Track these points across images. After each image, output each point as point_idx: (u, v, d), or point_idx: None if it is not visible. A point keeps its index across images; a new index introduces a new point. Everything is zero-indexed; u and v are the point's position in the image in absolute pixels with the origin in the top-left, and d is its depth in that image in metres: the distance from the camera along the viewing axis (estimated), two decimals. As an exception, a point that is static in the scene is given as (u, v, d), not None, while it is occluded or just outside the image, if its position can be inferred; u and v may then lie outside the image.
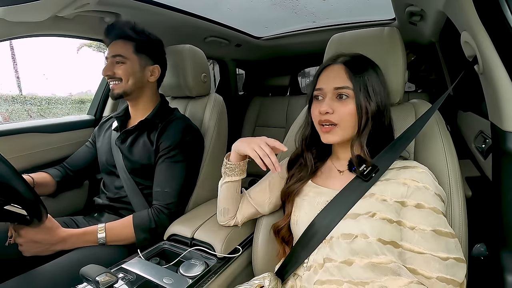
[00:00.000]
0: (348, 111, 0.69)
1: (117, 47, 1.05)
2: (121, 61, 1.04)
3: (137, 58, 1.07)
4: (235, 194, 0.85)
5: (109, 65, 1.05)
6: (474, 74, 0.78)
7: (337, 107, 0.69)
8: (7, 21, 0.93)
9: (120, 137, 1.09)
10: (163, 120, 1.08)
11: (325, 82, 0.72)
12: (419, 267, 0.61)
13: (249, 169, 0.83)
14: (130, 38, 1.06)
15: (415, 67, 2.04)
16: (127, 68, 1.05)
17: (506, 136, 0.65)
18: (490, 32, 0.63)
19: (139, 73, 1.07)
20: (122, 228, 0.95)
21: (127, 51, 1.05)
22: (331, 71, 0.73)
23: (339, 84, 0.70)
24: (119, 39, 1.06)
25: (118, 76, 1.04)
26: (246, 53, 2.16)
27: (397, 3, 1.20)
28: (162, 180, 1.01)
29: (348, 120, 0.69)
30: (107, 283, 0.64)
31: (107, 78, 1.06)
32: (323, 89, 0.72)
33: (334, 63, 0.74)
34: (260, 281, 0.71)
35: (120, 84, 1.05)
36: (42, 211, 0.77)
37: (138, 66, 1.07)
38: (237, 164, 0.80)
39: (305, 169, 0.81)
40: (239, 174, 0.81)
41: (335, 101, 0.70)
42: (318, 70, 0.77)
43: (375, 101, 0.69)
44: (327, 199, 0.72)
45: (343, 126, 0.70)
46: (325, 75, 0.74)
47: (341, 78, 0.70)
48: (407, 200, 0.65)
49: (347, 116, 0.69)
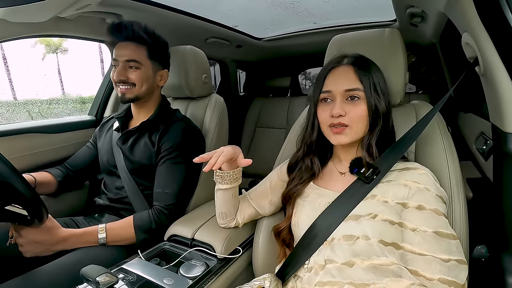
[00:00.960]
0: (361, 112, 0.68)
1: (130, 51, 1.01)
2: (135, 66, 1.02)
3: (151, 64, 1.05)
4: (232, 200, 0.84)
5: (121, 69, 1.01)
6: (475, 75, 0.78)
7: (349, 109, 0.69)
8: (9, 22, 0.93)
9: (121, 138, 1.09)
10: (165, 121, 1.08)
11: (333, 84, 0.71)
12: (420, 268, 0.60)
13: (250, 170, 0.84)
14: (144, 42, 1.03)
15: (416, 68, 2.04)
16: (141, 74, 1.03)
17: (507, 137, 0.65)
18: (491, 33, 0.63)
19: (151, 78, 1.07)
20: (122, 228, 0.95)
21: (141, 56, 1.02)
22: (339, 73, 0.72)
23: (350, 86, 0.69)
24: (130, 41, 1.02)
25: (132, 82, 1.02)
26: (247, 54, 2.16)
27: (398, 5, 1.20)
28: (162, 181, 1.01)
29: (360, 121, 0.69)
30: (108, 284, 0.64)
31: (118, 82, 1.03)
32: (332, 92, 0.71)
33: (341, 65, 0.73)
34: (260, 282, 0.71)
35: (133, 89, 1.03)
36: (43, 211, 0.77)
37: (151, 72, 1.06)
38: (225, 172, 0.78)
39: (306, 172, 0.80)
40: (230, 182, 0.79)
41: (346, 103, 0.69)
42: (323, 72, 0.75)
43: (383, 100, 0.70)
44: (328, 201, 0.72)
45: (355, 127, 0.69)
46: (332, 77, 0.72)
47: (351, 79, 0.70)
48: (409, 201, 0.65)
49: (359, 117, 0.68)
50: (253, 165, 0.77)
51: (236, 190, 0.83)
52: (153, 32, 1.06)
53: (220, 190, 0.81)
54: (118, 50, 1.03)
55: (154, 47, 1.06)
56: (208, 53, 1.36)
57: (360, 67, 0.71)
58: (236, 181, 0.80)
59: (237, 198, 0.86)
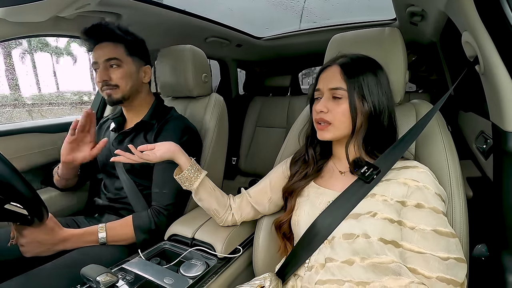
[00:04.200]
0: (341, 110, 0.70)
1: (108, 50, 1.00)
2: (116, 64, 1.01)
3: (131, 60, 1.04)
4: (211, 192, 0.86)
5: (103, 70, 1.00)
6: (475, 74, 0.78)
7: (332, 106, 0.71)
8: (8, 21, 0.93)
9: (117, 139, 1.09)
10: (160, 120, 1.08)
11: (322, 82, 0.75)
12: (419, 266, 0.61)
13: (250, 169, 0.84)
14: (120, 40, 1.02)
15: (416, 67, 2.04)
16: (124, 72, 1.02)
17: (507, 136, 0.65)
18: (491, 32, 0.63)
19: (134, 75, 1.05)
20: (122, 227, 0.95)
21: (120, 53, 1.01)
22: (328, 72, 0.75)
23: (333, 85, 0.72)
24: (107, 41, 1.00)
25: (115, 82, 1.01)
26: (247, 53, 2.16)
27: (398, 3, 1.20)
28: (160, 181, 1.01)
29: (342, 120, 0.71)
30: (108, 283, 0.64)
31: (102, 84, 1.01)
32: (320, 90, 0.74)
33: (332, 65, 0.75)
34: (260, 281, 0.71)
35: (118, 89, 1.02)
36: (43, 211, 0.77)
37: (133, 68, 1.05)
38: (182, 175, 0.83)
39: (309, 166, 0.81)
40: (192, 180, 0.83)
41: (331, 100, 0.72)
42: (319, 72, 0.79)
43: (370, 102, 0.70)
44: (329, 200, 0.72)
45: (337, 125, 0.72)
46: (323, 76, 0.76)
47: (336, 79, 0.72)
48: (408, 200, 0.65)
49: (340, 115, 0.71)
50: (253, 164, 0.77)
51: (206, 182, 0.86)
52: (127, 29, 1.05)
53: (194, 193, 0.85)
54: (97, 52, 1.01)
55: (131, 44, 1.04)
56: (208, 52, 1.35)
57: (348, 68, 0.72)
58: (196, 177, 0.83)
59: (217, 189, 0.88)
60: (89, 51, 1.04)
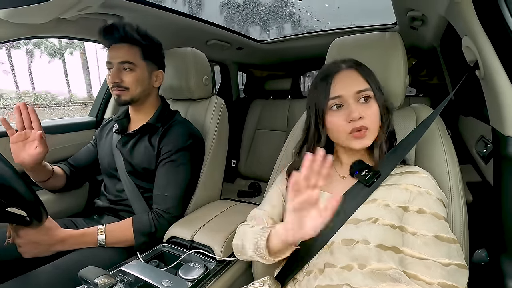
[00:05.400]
0: (375, 112, 0.68)
1: (123, 53, 1.01)
2: (129, 67, 1.01)
3: (145, 65, 1.05)
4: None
5: (116, 71, 1.00)
6: (475, 79, 0.78)
7: (364, 110, 0.67)
8: (11, 23, 0.94)
9: (121, 140, 1.09)
10: (165, 124, 1.08)
11: (342, 88, 0.69)
12: (420, 272, 0.60)
13: (250, 172, 0.83)
14: (137, 43, 1.03)
15: (416, 71, 2.05)
16: (136, 76, 1.02)
17: (507, 141, 0.65)
18: (491, 37, 0.63)
19: (147, 79, 1.06)
20: (122, 230, 0.94)
21: (135, 57, 1.02)
22: (345, 77, 0.70)
23: (360, 87, 0.68)
24: (124, 43, 1.02)
25: (126, 85, 1.01)
26: (247, 57, 2.16)
27: (398, 8, 1.20)
28: (162, 184, 1.01)
29: (376, 121, 0.68)
30: (106, 285, 0.64)
31: (113, 84, 1.02)
32: (342, 96, 0.68)
33: (343, 69, 0.71)
34: (259, 285, 0.71)
35: (127, 91, 1.02)
36: (42, 212, 0.77)
37: (146, 73, 1.05)
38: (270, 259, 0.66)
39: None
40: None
41: (359, 105, 0.68)
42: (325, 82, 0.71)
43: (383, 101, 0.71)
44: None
45: (373, 128, 0.68)
46: (339, 81, 0.70)
47: (359, 81, 0.69)
48: (410, 205, 0.64)
49: (374, 117, 0.68)
50: (253, 167, 0.77)
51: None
52: (145, 33, 1.05)
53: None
54: (112, 52, 1.02)
55: (147, 48, 1.05)
56: (209, 55, 1.36)
57: (362, 69, 0.71)
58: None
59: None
60: (105, 47, 1.05)
